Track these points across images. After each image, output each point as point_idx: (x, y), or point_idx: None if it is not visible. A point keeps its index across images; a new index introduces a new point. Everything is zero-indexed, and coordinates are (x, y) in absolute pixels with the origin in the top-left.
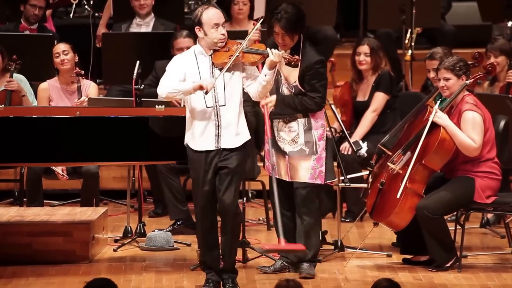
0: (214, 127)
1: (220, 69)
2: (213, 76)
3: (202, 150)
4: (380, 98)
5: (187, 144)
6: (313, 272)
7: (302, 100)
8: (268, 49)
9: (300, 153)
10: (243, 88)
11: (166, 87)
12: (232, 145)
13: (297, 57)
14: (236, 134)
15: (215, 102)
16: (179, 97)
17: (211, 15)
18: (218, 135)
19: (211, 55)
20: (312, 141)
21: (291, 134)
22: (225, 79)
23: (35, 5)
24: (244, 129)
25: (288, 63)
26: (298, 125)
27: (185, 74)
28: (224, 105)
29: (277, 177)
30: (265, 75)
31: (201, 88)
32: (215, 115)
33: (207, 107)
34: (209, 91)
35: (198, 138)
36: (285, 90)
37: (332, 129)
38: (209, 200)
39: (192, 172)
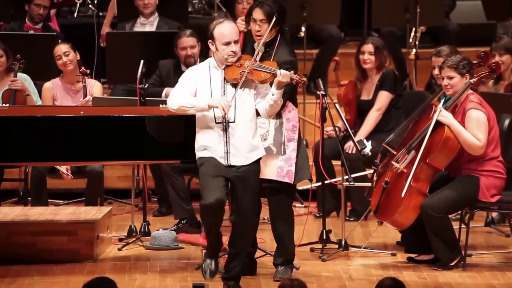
0: (223, 143)
1: (233, 85)
2: (223, 90)
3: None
4: (384, 97)
5: (197, 156)
6: (287, 275)
7: None
8: (278, 69)
9: (268, 151)
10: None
11: (179, 99)
12: (242, 162)
13: (305, 78)
14: (247, 151)
15: (225, 118)
16: (191, 112)
17: (223, 31)
18: (227, 152)
19: (223, 69)
20: (281, 141)
21: (261, 130)
22: (235, 95)
23: (39, 4)
24: (258, 146)
25: (295, 84)
26: (269, 123)
27: (196, 87)
28: (234, 122)
29: None
30: (272, 94)
31: (217, 107)
32: (223, 131)
33: (216, 123)
34: (227, 113)
35: (206, 154)
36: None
37: (336, 128)
38: (220, 196)
39: (202, 173)
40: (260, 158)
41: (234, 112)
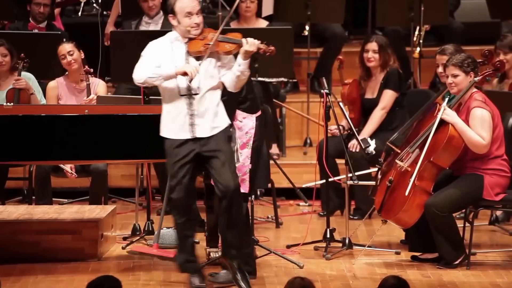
0: (188, 116)
1: (197, 58)
2: (187, 63)
3: (177, 138)
4: (389, 96)
5: (162, 134)
6: (221, 281)
7: None
8: (243, 38)
9: None
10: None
11: (145, 71)
12: (208, 134)
13: (273, 47)
14: (212, 122)
15: (189, 91)
16: (157, 83)
17: (184, 3)
18: (192, 124)
19: (186, 42)
20: (234, 149)
21: None
22: (201, 67)
23: (39, 3)
24: (222, 117)
25: (263, 53)
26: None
27: (159, 61)
28: (198, 94)
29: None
30: (239, 65)
31: (185, 74)
32: (188, 104)
33: (180, 95)
34: (194, 78)
35: (173, 127)
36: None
37: (340, 127)
38: (186, 192)
39: (168, 162)
40: (227, 128)
41: (198, 84)
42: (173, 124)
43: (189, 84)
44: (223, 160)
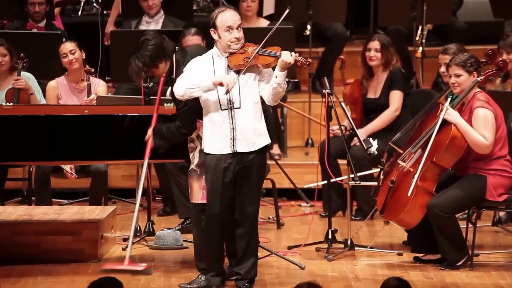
0: (229, 130)
1: (236, 72)
2: None
3: (218, 153)
4: (398, 97)
5: (203, 149)
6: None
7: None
8: (282, 51)
9: (192, 173)
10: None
11: (184, 84)
12: (248, 148)
13: (310, 60)
14: (253, 137)
15: (230, 104)
16: (196, 94)
17: (225, 18)
18: (233, 139)
19: (227, 57)
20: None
21: (190, 154)
22: (240, 81)
23: (33, 2)
24: (263, 132)
25: (301, 66)
26: (196, 147)
27: (201, 76)
28: (239, 108)
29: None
30: (276, 77)
31: (221, 84)
32: (229, 118)
33: (221, 110)
34: (230, 90)
35: (213, 141)
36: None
37: (342, 127)
38: (227, 207)
39: (208, 178)
40: (266, 146)
41: (239, 98)
42: (215, 137)
43: (226, 96)
44: (253, 185)
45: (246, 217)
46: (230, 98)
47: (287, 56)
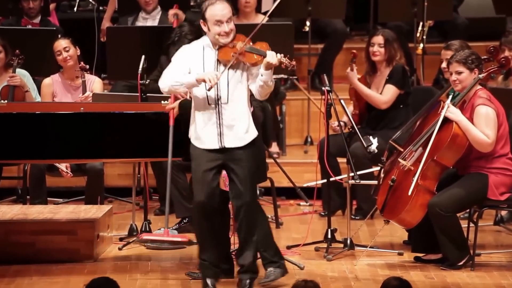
0: (216, 125)
1: (225, 65)
2: (217, 71)
3: (205, 148)
4: (391, 91)
5: (192, 142)
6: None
7: None
8: (268, 50)
9: None
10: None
11: (168, 80)
12: (236, 144)
13: (294, 62)
14: (241, 132)
15: (217, 99)
16: (181, 91)
17: (215, 11)
18: (220, 134)
19: (217, 49)
20: None
21: None
22: (228, 76)
23: None
24: (250, 127)
25: (285, 68)
26: None
27: (189, 67)
28: (227, 103)
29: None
30: (261, 75)
31: (204, 81)
32: (217, 113)
33: (209, 104)
34: (213, 87)
35: (201, 135)
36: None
37: (342, 123)
38: (208, 199)
39: (193, 169)
40: (255, 139)
41: (227, 93)
42: (202, 132)
43: (213, 91)
44: (246, 176)
45: (240, 208)
46: (217, 93)
47: (272, 57)
